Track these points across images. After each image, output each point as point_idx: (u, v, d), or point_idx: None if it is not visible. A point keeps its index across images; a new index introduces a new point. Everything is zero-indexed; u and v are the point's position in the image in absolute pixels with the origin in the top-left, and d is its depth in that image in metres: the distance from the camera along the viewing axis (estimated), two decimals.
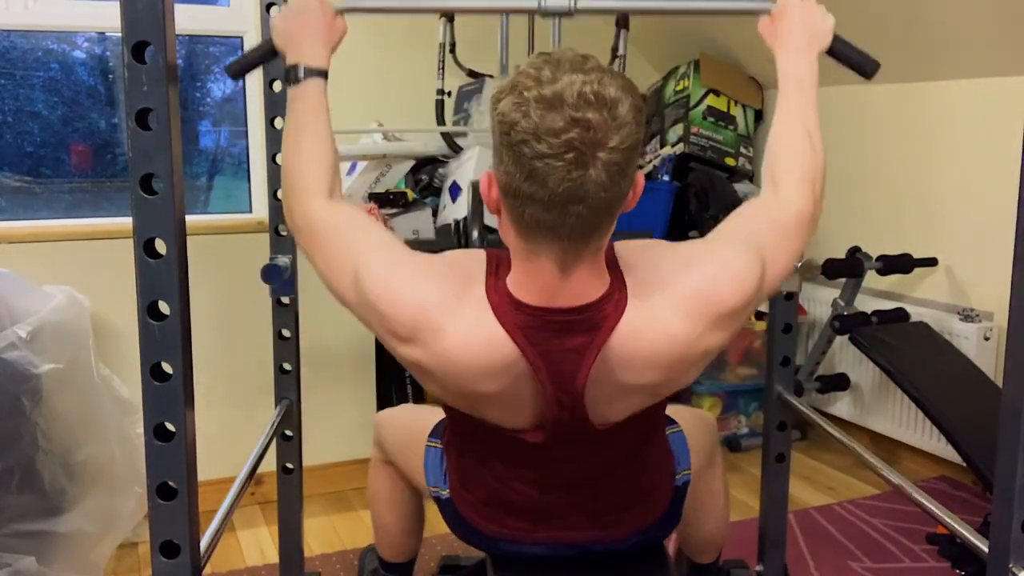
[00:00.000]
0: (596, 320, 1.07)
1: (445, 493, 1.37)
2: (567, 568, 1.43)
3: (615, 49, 2.60)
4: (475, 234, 1.76)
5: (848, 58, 1.40)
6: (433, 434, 1.45)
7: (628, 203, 1.06)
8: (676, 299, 1.08)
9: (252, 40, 2.68)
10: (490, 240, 1.77)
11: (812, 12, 1.35)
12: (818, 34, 1.34)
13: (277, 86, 1.70)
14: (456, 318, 1.06)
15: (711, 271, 1.09)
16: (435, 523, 1.73)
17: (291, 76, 1.27)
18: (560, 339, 1.07)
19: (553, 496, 1.25)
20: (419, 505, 1.65)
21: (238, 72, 1.40)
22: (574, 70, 0.98)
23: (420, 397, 2.76)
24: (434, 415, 1.49)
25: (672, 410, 1.48)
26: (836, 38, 1.36)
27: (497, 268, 1.10)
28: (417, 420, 1.51)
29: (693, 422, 1.51)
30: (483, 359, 1.07)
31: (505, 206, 1.05)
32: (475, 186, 1.87)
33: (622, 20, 2.58)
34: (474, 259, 1.13)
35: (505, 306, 1.07)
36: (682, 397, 2.94)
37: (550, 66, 0.98)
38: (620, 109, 0.97)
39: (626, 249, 1.14)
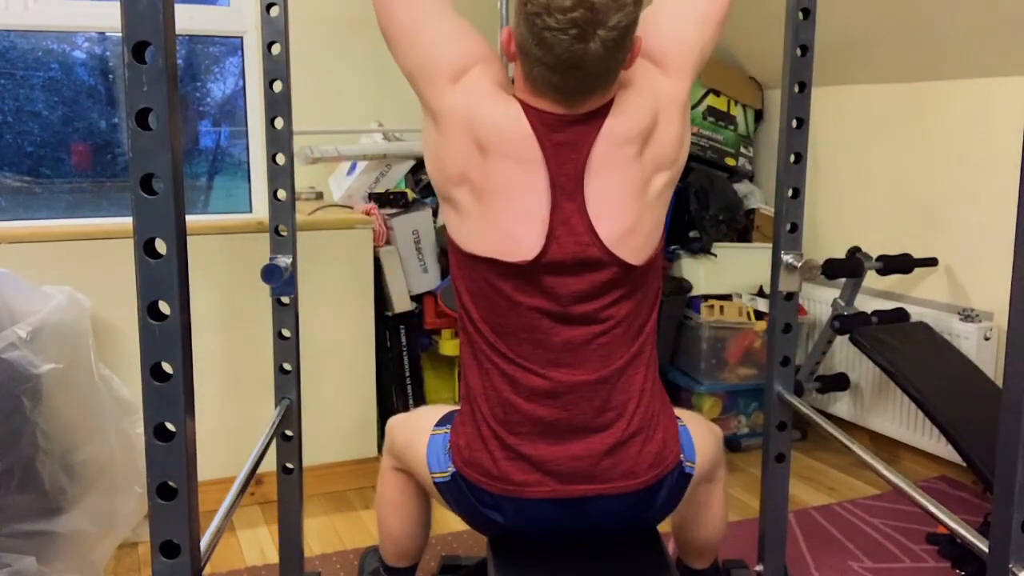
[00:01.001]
0: (594, 118, 1.29)
1: (447, 472, 1.41)
2: (569, 557, 1.44)
3: None
4: None
5: None
6: (440, 423, 1.48)
7: (627, 64, 1.28)
8: (630, 79, 1.32)
9: (252, 40, 2.68)
10: None
11: None
12: None
13: (277, 86, 1.70)
14: (495, 86, 1.31)
15: (649, 39, 1.33)
16: (436, 523, 1.73)
17: None
18: (563, 133, 1.28)
19: (559, 381, 1.32)
20: (426, 511, 1.65)
21: None
22: None
23: (420, 397, 2.77)
24: (441, 411, 1.52)
25: (680, 412, 1.50)
26: None
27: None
28: (424, 418, 1.54)
29: (700, 427, 1.52)
30: (505, 121, 1.27)
31: (518, 60, 1.28)
32: None
33: None
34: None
35: (525, 105, 1.29)
36: (683, 398, 2.94)
37: None
38: None
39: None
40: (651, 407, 1.38)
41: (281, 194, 1.73)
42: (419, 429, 1.51)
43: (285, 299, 1.75)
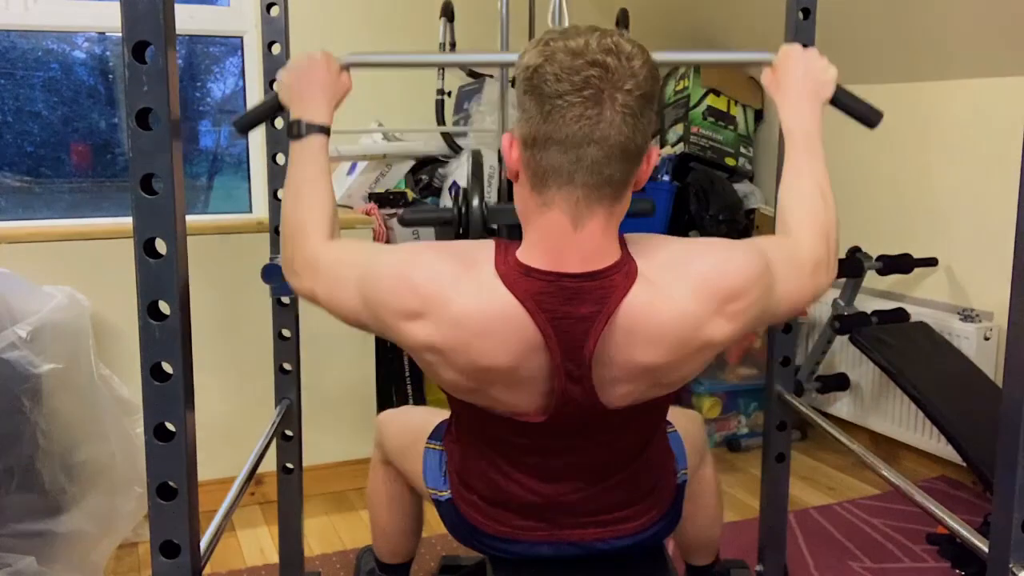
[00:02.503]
0: (606, 288, 1.08)
1: (445, 494, 1.37)
2: (568, 568, 1.43)
3: None
4: (475, 201, 1.77)
5: (852, 109, 1.41)
6: (433, 436, 1.44)
7: (641, 173, 1.10)
8: (684, 278, 1.11)
9: (252, 40, 2.69)
10: (490, 209, 1.78)
11: (814, 62, 1.37)
12: (821, 85, 1.36)
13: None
14: (465, 287, 1.09)
15: (719, 257, 1.13)
16: (435, 523, 1.73)
17: (294, 131, 1.30)
18: (569, 305, 1.09)
19: (556, 492, 1.25)
20: (418, 506, 1.65)
21: (244, 127, 1.44)
22: (594, 31, 1.07)
23: (420, 397, 2.77)
24: (435, 417, 1.49)
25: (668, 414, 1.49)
26: (839, 88, 1.38)
27: (506, 248, 1.13)
28: (418, 422, 1.51)
29: (684, 421, 1.52)
30: (493, 326, 1.08)
31: (523, 162, 1.10)
32: (475, 154, 1.89)
33: (622, 20, 2.58)
34: (482, 244, 1.16)
35: (514, 274, 1.09)
36: (682, 397, 2.94)
37: (573, 29, 1.08)
38: (636, 61, 1.05)
39: (634, 237, 1.17)
40: (652, 476, 1.32)
41: (281, 194, 1.73)
42: (413, 434, 1.47)
43: (285, 299, 1.75)
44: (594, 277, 1.09)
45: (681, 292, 1.10)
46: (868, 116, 1.40)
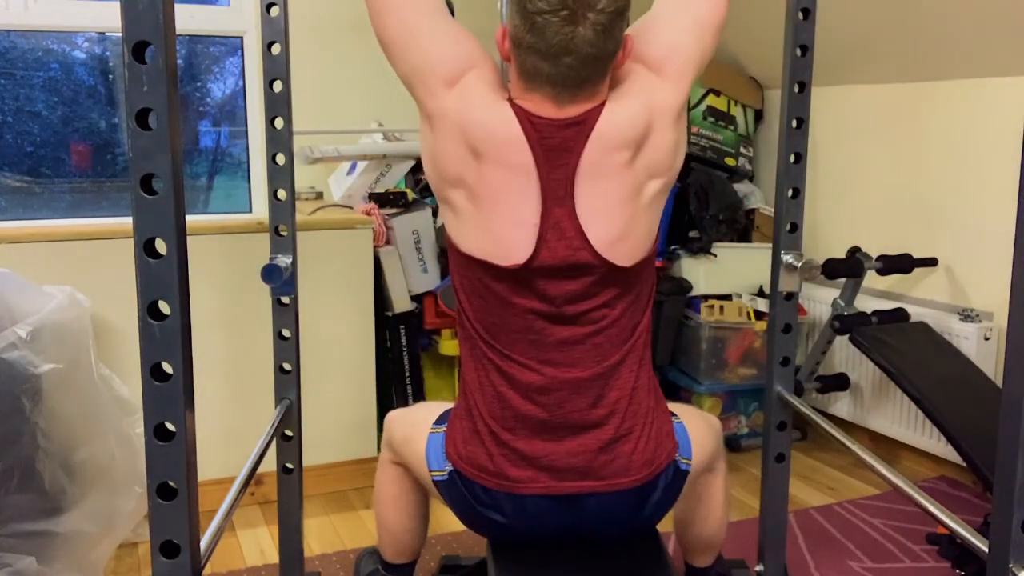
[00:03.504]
0: (585, 123, 1.29)
1: (445, 472, 1.41)
2: (567, 558, 1.43)
3: None
4: None
5: None
6: (438, 421, 1.48)
7: (617, 61, 1.30)
8: (631, 81, 1.34)
9: (252, 40, 2.68)
10: None
11: None
12: None
13: (277, 86, 1.70)
14: (489, 90, 1.32)
15: (650, 42, 1.35)
16: (435, 523, 1.73)
17: None
18: (555, 138, 1.29)
19: (554, 400, 1.33)
20: (424, 506, 1.66)
21: None
22: None
23: (420, 398, 2.77)
24: (440, 408, 1.53)
25: (677, 408, 1.50)
26: None
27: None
28: (424, 413, 1.55)
29: (697, 422, 1.52)
30: (498, 126, 1.29)
31: (513, 55, 1.30)
32: None
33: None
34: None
35: (515, 107, 1.30)
36: (683, 399, 2.94)
37: None
38: None
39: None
40: (645, 404, 1.38)
41: (281, 194, 1.73)
42: (418, 425, 1.51)
43: (285, 299, 1.75)
44: (573, 122, 1.29)
45: (632, 94, 1.32)
46: None
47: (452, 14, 2.66)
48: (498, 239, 1.31)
